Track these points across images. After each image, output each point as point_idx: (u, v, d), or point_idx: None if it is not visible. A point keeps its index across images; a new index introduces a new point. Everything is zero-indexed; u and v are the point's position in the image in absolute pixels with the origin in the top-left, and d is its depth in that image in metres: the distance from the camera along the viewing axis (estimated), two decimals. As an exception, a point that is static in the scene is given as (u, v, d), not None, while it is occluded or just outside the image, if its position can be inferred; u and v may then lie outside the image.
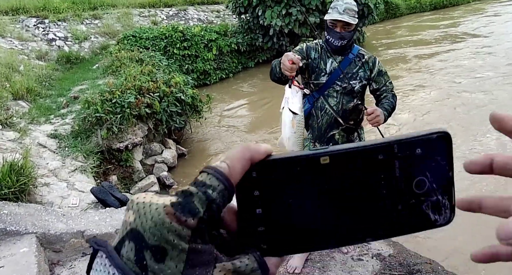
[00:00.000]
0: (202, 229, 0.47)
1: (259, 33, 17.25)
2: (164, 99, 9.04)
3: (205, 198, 0.47)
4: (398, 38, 20.20)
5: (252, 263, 0.50)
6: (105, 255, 0.45)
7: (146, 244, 0.45)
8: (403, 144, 0.52)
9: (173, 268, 0.45)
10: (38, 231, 4.27)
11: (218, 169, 0.49)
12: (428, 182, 0.52)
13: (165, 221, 0.45)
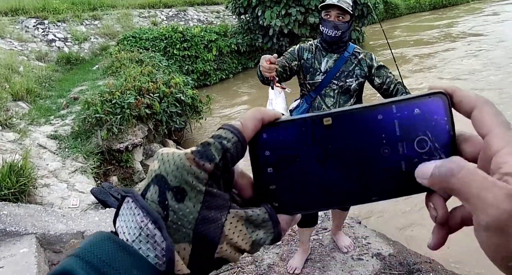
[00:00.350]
0: (218, 175, 0.52)
1: (258, 34, 17.26)
2: (164, 99, 9.04)
3: (221, 147, 0.52)
4: (397, 38, 20.20)
5: (263, 214, 0.55)
6: (131, 199, 0.51)
7: (168, 185, 0.51)
8: (401, 104, 0.54)
9: (191, 208, 0.50)
10: (38, 232, 4.27)
11: (232, 125, 0.54)
12: (429, 141, 0.54)
13: (185, 164, 0.51)
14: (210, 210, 0.51)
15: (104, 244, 0.48)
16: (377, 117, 0.54)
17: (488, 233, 0.45)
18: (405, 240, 4.97)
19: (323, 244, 4.59)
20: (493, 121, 0.49)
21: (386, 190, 0.56)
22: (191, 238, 0.50)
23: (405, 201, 6.13)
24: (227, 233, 0.52)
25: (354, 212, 5.68)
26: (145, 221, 0.49)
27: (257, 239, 0.55)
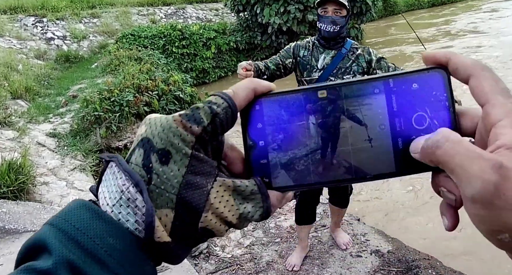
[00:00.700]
0: (206, 140, 0.51)
1: (257, 31, 17.25)
2: (162, 97, 9.03)
3: (210, 111, 0.51)
4: (396, 35, 20.19)
5: (252, 186, 0.53)
6: (115, 164, 0.50)
7: (153, 147, 0.49)
8: (399, 79, 0.52)
9: (175, 171, 0.49)
10: (37, 229, 4.27)
11: (223, 91, 0.53)
12: (428, 117, 0.52)
13: (171, 126, 0.49)
14: (196, 175, 0.50)
15: (80, 212, 0.47)
16: (374, 91, 0.53)
17: (474, 206, 0.44)
18: (403, 237, 4.97)
19: (321, 241, 4.60)
20: (491, 89, 0.47)
21: (382, 169, 0.54)
22: (174, 203, 0.48)
23: (404, 198, 6.14)
24: (212, 201, 0.50)
25: (354, 209, 5.68)
26: (126, 184, 0.48)
27: (244, 212, 0.53)
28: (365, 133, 0.53)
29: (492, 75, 0.47)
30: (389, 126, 0.52)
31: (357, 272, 4.15)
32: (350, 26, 17.25)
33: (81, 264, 0.43)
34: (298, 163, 0.55)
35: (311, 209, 4.06)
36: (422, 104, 0.52)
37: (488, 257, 4.54)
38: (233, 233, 4.80)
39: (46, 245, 0.44)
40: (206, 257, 4.45)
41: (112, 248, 0.45)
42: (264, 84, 0.56)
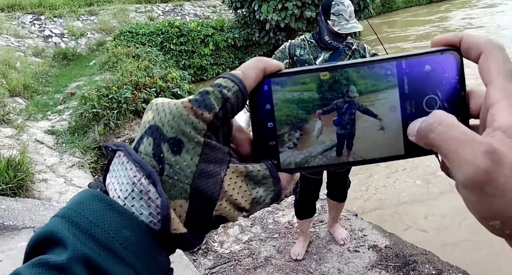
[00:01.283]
0: (217, 126, 0.49)
1: (255, 28, 17.22)
2: (160, 94, 9.04)
3: (221, 96, 0.49)
4: (395, 32, 20.17)
5: (264, 170, 0.52)
6: (123, 153, 0.48)
7: (164, 136, 0.47)
8: (412, 60, 0.51)
9: (188, 161, 0.47)
10: (36, 226, 4.28)
11: (233, 73, 0.51)
12: (439, 100, 0.51)
13: (182, 113, 0.47)
14: (209, 164, 0.48)
15: (92, 203, 0.45)
16: (386, 73, 0.52)
17: (466, 191, 0.43)
18: (401, 232, 4.99)
19: (319, 237, 4.61)
20: (497, 70, 0.45)
21: (391, 151, 0.53)
22: (188, 193, 0.47)
23: (402, 193, 6.16)
24: (226, 189, 0.49)
25: (352, 205, 5.70)
26: (138, 175, 0.46)
27: (257, 197, 0.52)
28: (375, 114, 0.53)
29: (502, 55, 0.46)
30: (400, 108, 0.52)
31: (354, 267, 4.16)
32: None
33: (97, 258, 0.42)
34: (307, 144, 0.54)
35: (311, 203, 4.08)
36: (434, 87, 0.51)
37: (485, 251, 4.56)
38: (231, 228, 4.81)
39: (59, 239, 0.42)
40: (205, 253, 4.46)
41: (127, 240, 0.44)
42: (273, 64, 0.54)
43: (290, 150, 0.55)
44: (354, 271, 4.11)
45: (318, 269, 4.16)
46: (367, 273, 4.08)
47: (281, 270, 4.18)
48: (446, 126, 0.44)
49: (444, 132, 0.44)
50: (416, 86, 0.51)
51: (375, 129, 0.53)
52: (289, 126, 0.54)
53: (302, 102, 0.53)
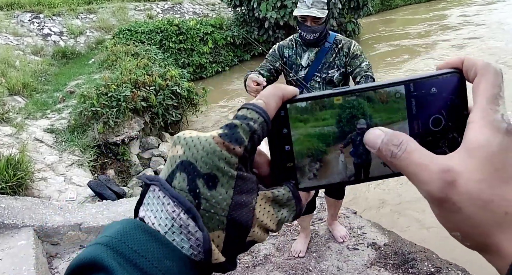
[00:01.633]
0: (246, 158, 0.51)
1: (254, 26, 17.23)
2: (160, 92, 9.04)
3: (248, 129, 0.50)
4: (395, 30, 20.14)
5: (287, 193, 0.55)
6: (158, 188, 0.49)
7: (198, 173, 0.49)
8: (419, 83, 0.54)
9: (224, 194, 0.49)
10: (36, 224, 4.29)
11: (256, 104, 0.53)
12: (444, 120, 0.54)
13: (216, 150, 0.49)
14: (242, 194, 0.50)
15: (135, 233, 0.46)
16: (395, 95, 0.54)
17: (430, 205, 0.48)
18: (400, 230, 5.00)
19: (318, 234, 4.62)
20: (484, 92, 0.48)
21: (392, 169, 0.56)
22: (224, 225, 0.49)
23: (401, 191, 6.17)
24: (258, 215, 0.51)
25: (351, 203, 5.71)
26: (176, 210, 0.47)
27: (282, 218, 0.54)
28: None
29: (494, 79, 0.49)
30: (408, 128, 0.55)
31: (353, 264, 4.17)
32: (347, 20, 17.22)
33: None
34: (322, 164, 0.57)
35: (311, 200, 4.08)
36: (439, 107, 0.54)
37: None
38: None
39: (104, 266, 0.44)
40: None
41: (169, 271, 0.46)
42: (290, 90, 0.56)
43: (306, 170, 0.57)
44: (353, 269, 4.12)
45: (317, 267, 4.17)
46: (366, 271, 4.09)
47: (281, 268, 4.19)
48: (407, 153, 0.49)
49: (405, 159, 0.49)
50: (423, 107, 0.54)
51: None
52: (306, 148, 0.57)
53: (315, 125, 0.56)
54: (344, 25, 17.32)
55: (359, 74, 3.65)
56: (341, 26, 17.24)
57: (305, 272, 4.11)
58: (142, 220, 0.49)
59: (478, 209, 0.44)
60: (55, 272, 4.18)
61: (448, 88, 0.53)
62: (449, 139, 0.54)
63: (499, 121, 0.46)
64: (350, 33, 17.47)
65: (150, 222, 0.49)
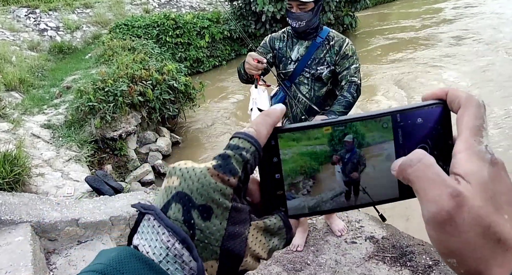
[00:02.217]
0: (240, 188, 0.52)
1: (251, 20, 17.17)
2: (157, 87, 9.03)
3: (241, 159, 0.52)
4: (392, 23, 20.08)
5: (279, 222, 0.57)
6: (153, 217, 0.49)
7: (194, 204, 0.49)
8: (405, 114, 0.56)
9: (218, 225, 0.50)
10: (33, 220, 4.29)
11: (248, 133, 0.54)
12: (429, 149, 0.56)
13: (211, 182, 0.50)
14: (235, 225, 0.51)
15: (130, 262, 0.46)
16: (382, 126, 0.56)
17: (429, 227, 0.49)
18: (398, 223, 5.00)
19: (316, 228, 4.63)
20: (467, 124, 0.50)
21: (387, 195, 0.58)
22: (218, 255, 0.50)
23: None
24: (250, 245, 0.52)
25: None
26: (171, 240, 0.48)
27: (273, 246, 0.56)
28: (373, 164, 0.58)
29: (476, 111, 0.51)
30: (395, 157, 0.57)
31: (352, 258, 4.18)
32: (344, 14, 17.18)
33: None
34: (312, 192, 0.59)
35: None
36: (425, 137, 0.56)
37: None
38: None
39: None
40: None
41: None
42: (278, 116, 0.58)
43: (296, 198, 0.59)
44: (351, 262, 4.12)
45: (315, 261, 4.17)
46: (364, 264, 4.10)
47: (279, 262, 4.20)
48: (424, 165, 0.50)
49: (420, 170, 0.50)
50: (409, 137, 0.57)
51: (374, 177, 0.58)
52: (295, 176, 0.58)
53: (304, 153, 0.58)
54: (341, 18, 17.25)
55: (345, 78, 3.63)
56: (338, 19, 17.18)
57: (303, 265, 4.12)
58: (136, 248, 0.50)
59: (477, 234, 0.46)
60: (52, 267, 4.18)
61: (434, 119, 0.56)
62: None
63: (484, 152, 0.49)
64: (347, 27, 17.44)
65: (144, 250, 0.49)
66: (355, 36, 17.57)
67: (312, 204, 0.59)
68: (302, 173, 0.58)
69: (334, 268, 4.08)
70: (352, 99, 3.60)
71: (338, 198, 0.59)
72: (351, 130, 0.57)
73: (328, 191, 0.59)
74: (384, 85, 11.38)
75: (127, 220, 4.57)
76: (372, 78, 12.05)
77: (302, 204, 0.59)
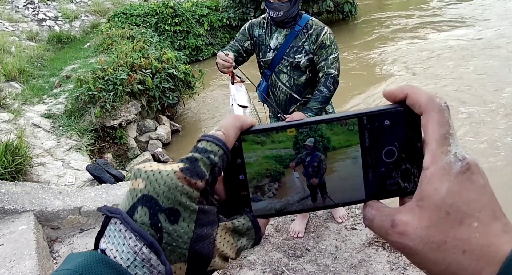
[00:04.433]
0: (207, 190, 0.52)
1: (250, 7, 17.07)
2: (156, 75, 9.01)
3: (209, 162, 0.52)
4: (392, 11, 19.94)
5: (247, 223, 0.57)
6: (119, 221, 0.49)
7: (160, 207, 0.49)
8: (373, 116, 0.56)
9: (185, 228, 0.49)
10: (36, 209, 4.32)
11: (216, 136, 0.54)
12: (397, 151, 0.56)
13: (177, 185, 0.49)
14: (203, 227, 0.51)
15: (97, 267, 0.46)
16: (348, 128, 0.56)
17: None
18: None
19: (317, 215, 4.65)
20: (432, 133, 0.50)
21: (353, 197, 0.58)
22: (186, 257, 0.50)
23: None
24: (218, 246, 0.52)
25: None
26: (139, 245, 0.47)
27: (241, 246, 0.56)
28: (340, 167, 0.58)
29: (439, 118, 0.50)
30: (361, 160, 0.57)
31: (352, 244, 4.20)
32: (344, 1, 17.05)
33: None
34: (278, 195, 0.59)
35: None
36: (392, 139, 0.56)
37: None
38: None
39: None
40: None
41: None
42: (248, 122, 0.58)
43: (261, 198, 0.59)
44: (351, 248, 4.15)
45: (316, 247, 4.20)
46: (364, 250, 4.13)
47: (279, 248, 4.22)
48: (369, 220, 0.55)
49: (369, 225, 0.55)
50: (376, 140, 0.56)
51: (340, 179, 0.58)
52: (258, 178, 0.59)
53: (269, 155, 0.58)
54: (340, 6, 17.14)
55: (322, 70, 3.61)
56: (337, 6, 17.06)
57: (303, 252, 4.15)
58: (103, 252, 0.49)
59: (433, 250, 0.47)
60: (56, 256, 4.21)
61: (400, 121, 0.55)
62: (402, 169, 0.56)
63: (451, 164, 0.48)
64: (347, 14, 17.31)
65: (112, 255, 0.48)
66: (355, 24, 17.49)
67: (278, 206, 0.59)
68: (267, 176, 0.59)
69: (334, 254, 4.10)
70: (328, 93, 3.60)
71: (304, 200, 0.59)
72: (316, 134, 0.57)
73: (294, 194, 0.59)
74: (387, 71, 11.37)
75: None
76: (374, 65, 12.04)
77: (269, 206, 0.59)
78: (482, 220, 0.46)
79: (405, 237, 0.49)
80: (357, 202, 0.58)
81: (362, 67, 12.17)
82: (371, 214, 0.54)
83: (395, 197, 0.57)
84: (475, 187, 0.48)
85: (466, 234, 0.46)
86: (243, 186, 0.59)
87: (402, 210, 0.51)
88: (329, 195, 0.59)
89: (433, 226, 0.47)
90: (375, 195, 0.57)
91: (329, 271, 3.92)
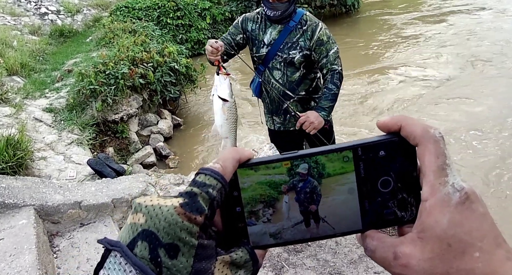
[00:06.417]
0: (206, 225, 0.52)
1: (253, 1, 17.03)
2: (158, 69, 9.00)
3: (208, 197, 0.52)
4: (397, 4, 19.87)
5: (245, 255, 0.57)
6: (120, 254, 0.49)
7: (160, 242, 0.49)
8: (367, 147, 0.56)
9: (184, 263, 0.49)
10: (36, 203, 4.32)
11: (214, 169, 0.54)
12: (393, 181, 0.55)
13: (178, 221, 0.49)
14: (202, 262, 0.51)
15: None
16: (343, 159, 0.56)
17: None
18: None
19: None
20: (429, 165, 0.50)
21: (350, 227, 0.58)
22: None
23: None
24: None
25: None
26: None
27: None
28: (335, 197, 0.57)
29: (435, 149, 0.51)
30: (357, 190, 0.56)
31: (352, 239, 4.18)
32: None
33: None
34: (272, 225, 0.59)
35: None
36: (388, 169, 0.55)
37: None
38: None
39: None
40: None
41: None
42: (246, 154, 0.58)
43: (258, 230, 0.60)
44: (352, 243, 4.15)
45: (315, 242, 4.20)
46: (364, 243, 4.13)
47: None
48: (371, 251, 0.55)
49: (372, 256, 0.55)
50: (372, 170, 0.56)
51: (337, 209, 0.58)
52: (255, 210, 0.59)
53: (265, 183, 0.58)
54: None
55: (325, 67, 3.61)
56: (340, 0, 17.02)
57: (303, 246, 4.15)
58: None
59: None
60: (56, 250, 4.22)
61: (395, 151, 0.55)
62: (398, 199, 0.56)
63: (450, 194, 0.49)
64: (350, 8, 17.24)
65: None
66: (358, 17, 17.44)
67: (273, 231, 0.59)
68: (261, 201, 0.59)
69: (334, 249, 4.10)
70: (337, 90, 3.61)
71: (298, 226, 0.59)
72: (310, 160, 0.57)
73: (288, 220, 0.59)
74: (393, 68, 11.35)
75: (129, 202, 4.60)
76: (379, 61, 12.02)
77: (264, 230, 0.59)
78: (484, 248, 0.47)
79: (408, 269, 0.49)
80: (355, 232, 0.58)
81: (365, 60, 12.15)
82: (372, 245, 0.54)
83: (392, 226, 0.57)
84: (475, 215, 0.48)
85: (469, 264, 0.47)
86: (240, 218, 0.59)
87: (404, 241, 0.51)
88: (326, 221, 0.59)
89: (436, 257, 0.48)
90: (372, 224, 0.57)
91: (328, 266, 3.92)
